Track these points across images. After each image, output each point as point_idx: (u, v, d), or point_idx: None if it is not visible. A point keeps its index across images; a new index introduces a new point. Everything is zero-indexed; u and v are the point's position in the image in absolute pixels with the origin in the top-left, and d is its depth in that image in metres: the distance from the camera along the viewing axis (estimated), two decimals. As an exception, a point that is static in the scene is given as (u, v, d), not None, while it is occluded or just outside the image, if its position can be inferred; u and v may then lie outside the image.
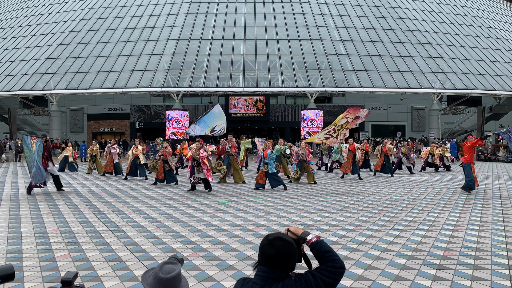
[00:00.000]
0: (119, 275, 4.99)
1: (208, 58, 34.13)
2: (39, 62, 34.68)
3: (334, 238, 6.73)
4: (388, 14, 38.24)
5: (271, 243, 2.03)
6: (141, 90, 32.52)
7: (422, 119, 39.38)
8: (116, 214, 8.83)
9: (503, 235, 6.96)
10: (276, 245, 2.02)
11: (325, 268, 2.03)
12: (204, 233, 7.12)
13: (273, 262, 2.01)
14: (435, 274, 5.01)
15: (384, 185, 14.27)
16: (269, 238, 2.05)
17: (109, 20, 37.57)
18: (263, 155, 13.39)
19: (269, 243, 2.03)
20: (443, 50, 35.70)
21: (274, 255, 2.01)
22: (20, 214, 8.98)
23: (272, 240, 2.03)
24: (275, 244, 2.02)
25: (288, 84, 32.61)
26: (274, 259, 2.01)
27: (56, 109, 34.23)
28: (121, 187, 13.65)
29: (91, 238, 6.79)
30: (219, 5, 37.99)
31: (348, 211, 9.14)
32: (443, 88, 32.93)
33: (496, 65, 35.66)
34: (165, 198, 11.17)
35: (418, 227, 7.47)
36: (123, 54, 34.39)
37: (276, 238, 2.04)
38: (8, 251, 6.07)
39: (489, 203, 10.30)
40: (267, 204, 10.10)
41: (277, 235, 2.05)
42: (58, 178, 12.67)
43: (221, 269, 5.23)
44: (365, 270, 5.16)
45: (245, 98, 35.73)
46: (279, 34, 35.73)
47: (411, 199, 10.84)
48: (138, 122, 37.87)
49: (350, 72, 33.15)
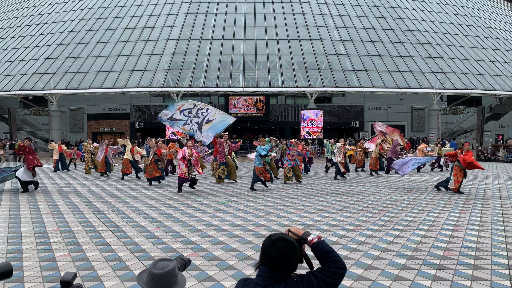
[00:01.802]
0: (119, 275, 5.00)
1: (208, 58, 34.13)
2: (39, 62, 34.67)
3: (334, 238, 6.73)
4: (388, 14, 38.24)
5: (274, 243, 2.02)
6: (141, 90, 32.51)
7: (422, 119, 39.39)
8: (116, 214, 8.83)
9: (503, 235, 6.96)
10: (279, 246, 2.01)
11: (327, 268, 2.03)
12: (204, 233, 7.12)
13: (276, 262, 2.01)
14: (435, 274, 5.01)
15: (384, 185, 14.27)
16: (272, 239, 2.04)
17: (109, 20, 37.56)
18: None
19: (272, 243, 2.02)
20: (443, 50, 35.70)
21: (277, 255, 2.00)
22: (20, 214, 8.97)
23: (275, 241, 2.03)
24: (278, 245, 2.01)
25: (288, 84, 32.61)
26: (277, 260, 2.01)
27: (56, 109, 34.23)
28: (121, 187, 13.65)
29: (91, 238, 6.79)
30: (219, 5, 37.99)
31: (348, 211, 9.14)
32: (443, 88, 32.93)
33: (496, 65, 35.66)
34: (165, 198, 11.17)
35: (418, 227, 7.47)
36: (123, 54, 34.39)
37: (279, 238, 2.03)
38: (8, 251, 6.07)
39: (489, 203, 10.30)
40: (267, 204, 10.10)
41: (280, 236, 2.05)
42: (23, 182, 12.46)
43: (221, 269, 5.23)
44: (365, 270, 5.16)
45: (245, 98, 35.73)
46: (279, 34, 35.73)
47: (411, 199, 10.84)
48: (138, 122, 37.87)
49: (350, 72, 33.15)
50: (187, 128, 14.57)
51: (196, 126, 14.71)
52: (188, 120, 14.59)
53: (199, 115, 14.61)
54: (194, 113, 14.59)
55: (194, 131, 14.60)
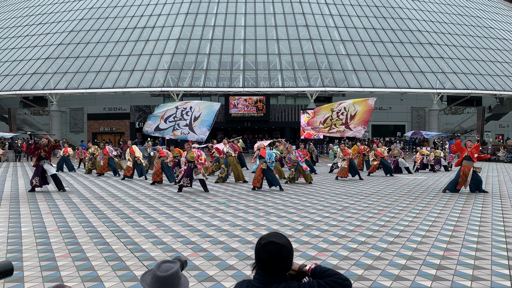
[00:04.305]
0: (119, 275, 4.99)
1: (208, 58, 34.14)
2: (39, 62, 34.68)
3: (334, 238, 6.72)
4: (388, 14, 38.24)
5: (264, 247, 2.01)
6: (141, 90, 32.52)
7: (422, 119, 39.40)
8: (116, 214, 8.83)
9: (503, 235, 6.95)
10: (268, 250, 2.00)
11: (331, 279, 2.03)
12: (204, 233, 7.12)
13: (267, 266, 2.01)
14: (435, 274, 5.01)
15: (384, 185, 14.27)
16: (262, 243, 2.03)
17: (109, 20, 37.57)
18: (261, 155, 13.29)
19: (262, 247, 2.02)
20: (443, 50, 35.70)
21: (268, 259, 2.00)
22: (20, 214, 8.97)
23: (264, 245, 2.01)
24: (267, 249, 2.00)
25: (288, 84, 32.62)
26: (268, 264, 2.00)
27: (56, 109, 34.24)
28: (121, 187, 13.65)
29: (91, 238, 6.78)
30: (219, 5, 37.99)
31: (348, 211, 9.14)
32: (443, 88, 32.94)
33: (496, 65, 35.66)
34: (165, 198, 11.17)
35: (418, 227, 7.47)
36: (123, 54, 34.40)
37: (268, 242, 2.02)
38: (8, 251, 6.07)
39: (489, 203, 10.29)
40: (267, 204, 10.10)
41: (269, 239, 2.02)
42: (56, 177, 12.52)
43: (221, 269, 5.23)
44: (365, 270, 5.16)
45: (245, 98, 35.73)
46: (279, 34, 35.74)
47: (411, 199, 10.84)
48: (138, 122, 37.86)
49: (350, 72, 33.16)
50: (177, 133, 14.48)
51: (186, 128, 14.54)
52: (175, 125, 14.44)
53: (184, 117, 14.43)
54: (179, 116, 14.44)
55: (186, 133, 14.45)
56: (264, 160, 12.90)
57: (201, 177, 12.35)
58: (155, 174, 14.40)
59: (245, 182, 14.89)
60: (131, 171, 16.09)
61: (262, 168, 12.82)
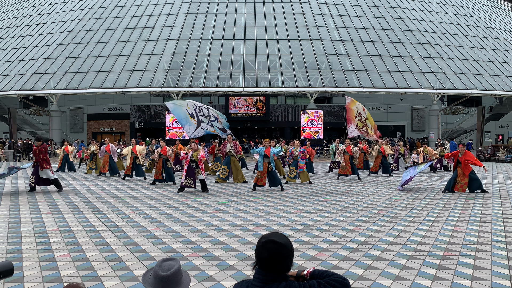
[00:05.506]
0: (119, 275, 4.99)
1: (208, 58, 34.13)
2: (39, 62, 34.67)
3: (334, 238, 6.73)
4: (388, 14, 38.24)
5: (264, 246, 2.02)
6: (141, 90, 32.51)
7: (422, 119, 39.40)
8: (116, 214, 8.83)
9: (503, 235, 6.95)
10: (268, 248, 2.00)
11: (330, 278, 2.05)
12: (204, 233, 7.12)
13: (267, 264, 2.01)
14: (435, 274, 5.01)
15: (384, 185, 14.27)
16: (262, 241, 2.03)
17: (109, 20, 37.56)
18: (265, 154, 13.21)
19: (262, 246, 2.02)
20: (443, 50, 35.70)
21: (267, 258, 2.00)
22: (20, 214, 8.97)
23: (265, 244, 2.02)
24: (268, 247, 2.01)
25: (288, 84, 32.61)
26: (268, 262, 2.00)
27: (56, 109, 34.23)
28: (121, 187, 13.65)
29: (91, 238, 6.78)
30: (219, 5, 37.99)
31: (348, 211, 9.14)
32: (443, 88, 32.93)
33: (496, 65, 35.66)
34: (165, 198, 11.17)
35: (418, 227, 7.47)
36: (123, 54, 34.39)
37: (269, 241, 2.02)
38: (8, 251, 6.07)
39: (489, 203, 10.30)
40: (267, 204, 10.10)
41: (270, 238, 2.03)
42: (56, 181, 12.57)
43: (221, 269, 5.23)
44: (365, 270, 5.16)
45: (245, 98, 35.72)
46: (279, 34, 35.73)
47: (411, 199, 10.84)
48: (138, 122, 37.87)
49: (350, 72, 33.15)
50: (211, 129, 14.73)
51: (207, 123, 14.78)
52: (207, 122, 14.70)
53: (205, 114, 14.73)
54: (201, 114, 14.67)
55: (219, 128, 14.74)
56: (269, 160, 12.89)
57: (202, 177, 12.36)
58: (157, 172, 14.46)
59: (245, 182, 14.90)
60: (130, 169, 16.23)
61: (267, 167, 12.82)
